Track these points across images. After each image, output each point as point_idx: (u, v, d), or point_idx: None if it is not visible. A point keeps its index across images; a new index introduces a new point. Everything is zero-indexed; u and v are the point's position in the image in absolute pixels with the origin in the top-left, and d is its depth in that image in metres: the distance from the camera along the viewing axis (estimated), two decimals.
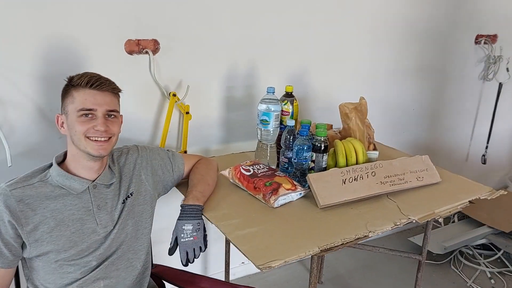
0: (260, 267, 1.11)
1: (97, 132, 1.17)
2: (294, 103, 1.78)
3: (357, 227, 1.32)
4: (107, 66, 1.62)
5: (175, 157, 1.47)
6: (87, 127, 1.17)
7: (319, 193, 1.44)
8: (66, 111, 1.19)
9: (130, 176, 1.33)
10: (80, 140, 1.17)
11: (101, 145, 1.18)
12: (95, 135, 1.17)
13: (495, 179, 3.33)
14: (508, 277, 2.48)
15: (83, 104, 1.16)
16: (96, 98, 1.18)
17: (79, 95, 1.17)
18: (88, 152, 1.18)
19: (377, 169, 1.55)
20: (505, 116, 3.05)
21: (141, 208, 1.34)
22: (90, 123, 1.17)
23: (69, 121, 1.18)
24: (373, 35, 2.29)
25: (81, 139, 1.17)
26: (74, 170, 1.22)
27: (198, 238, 1.30)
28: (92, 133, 1.17)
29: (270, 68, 2.02)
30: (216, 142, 2.00)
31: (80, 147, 1.18)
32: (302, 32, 2.05)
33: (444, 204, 1.49)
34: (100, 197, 1.24)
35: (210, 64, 1.86)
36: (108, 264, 1.25)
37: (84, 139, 1.17)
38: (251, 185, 1.49)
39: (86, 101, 1.17)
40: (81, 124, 1.16)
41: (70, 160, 1.22)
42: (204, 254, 2.21)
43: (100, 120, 1.18)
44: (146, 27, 1.68)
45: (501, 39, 2.79)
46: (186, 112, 1.82)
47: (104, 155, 1.21)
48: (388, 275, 2.45)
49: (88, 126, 1.17)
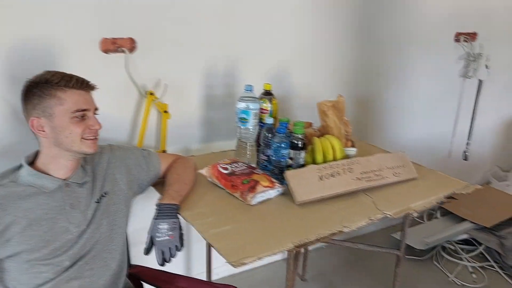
0: (233, 263, 1.11)
1: (92, 131, 1.21)
2: (272, 101, 1.78)
3: (333, 223, 1.32)
4: (82, 65, 1.61)
5: (151, 156, 1.46)
6: (83, 127, 1.19)
7: (295, 189, 1.44)
8: (49, 113, 1.16)
9: (104, 176, 1.32)
10: (75, 141, 1.18)
11: (94, 142, 1.23)
12: (91, 134, 1.21)
13: (477, 175, 3.36)
14: (489, 271, 2.51)
15: (77, 105, 1.17)
16: (85, 98, 1.20)
17: (68, 96, 1.16)
18: (84, 151, 1.20)
19: (354, 165, 1.56)
20: (485, 113, 3.08)
21: (116, 208, 1.33)
22: (84, 123, 1.19)
23: (56, 124, 1.16)
24: (354, 34, 2.30)
25: (76, 140, 1.18)
26: (46, 169, 1.21)
27: (174, 237, 1.29)
28: (88, 133, 1.20)
29: (251, 66, 2.02)
30: (196, 141, 2.00)
31: (73, 148, 1.19)
32: (281, 30, 2.06)
33: (420, 199, 1.50)
34: (73, 195, 1.23)
35: (188, 62, 1.86)
36: (82, 264, 1.24)
37: (80, 140, 1.18)
38: (228, 183, 1.49)
39: (79, 101, 1.18)
40: (77, 125, 1.17)
41: (45, 161, 1.21)
42: (187, 254, 2.20)
43: (94, 119, 1.22)
44: (122, 25, 1.67)
45: (481, 37, 2.82)
46: (164, 111, 1.81)
47: (96, 151, 1.24)
48: (371, 271, 2.46)
49: (83, 127, 1.19)
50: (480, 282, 2.40)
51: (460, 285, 2.38)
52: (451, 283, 2.40)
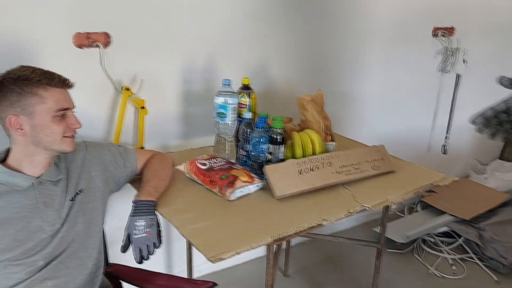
0: (211, 259, 1.09)
1: (72, 130, 1.21)
2: (251, 95, 1.77)
3: (312, 217, 1.32)
4: (55, 60, 1.57)
5: (127, 153, 1.43)
6: (64, 126, 1.17)
7: (275, 184, 1.43)
8: (30, 112, 1.12)
9: (79, 173, 1.29)
10: (55, 140, 1.16)
11: (73, 140, 1.22)
12: (71, 133, 1.20)
13: (456, 169, 3.41)
14: (468, 263, 2.54)
15: (60, 104, 1.16)
16: (66, 96, 1.19)
17: (50, 95, 1.14)
18: (63, 150, 1.20)
19: (333, 159, 1.56)
20: (463, 107, 3.12)
21: (92, 205, 1.30)
22: (64, 122, 1.18)
23: (37, 122, 1.13)
24: (333, 29, 2.30)
25: (57, 139, 1.17)
26: (19, 167, 1.17)
27: (151, 234, 1.27)
28: (68, 132, 1.19)
29: (229, 61, 2.00)
30: (175, 137, 1.97)
31: (53, 147, 1.17)
32: (260, 25, 2.04)
33: (398, 191, 1.51)
34: (47, 194, 1.20)
35: (165, 57, 1.83)
36: (57, 263, 1.21)
37: (61, 140, 1.17)
38: (207, 179, 1.47)
39: (60, 100, 1.16)
40: (58, 124, 1.16)
41: (18, 158, 1.17)
42: (167, 252, 2.17)
43: (74, 118, 1.21)
44: (96, 19, 1.63)
45: (458, 32, 2.85)
46: (141, 107, 1.78)
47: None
48: (353, 265, 2.47)
49: (64, 126, 1.17)
50: (459, 274, 2.43)
51: (440, 277, 2.40)
52: (432, 275, 2.42)
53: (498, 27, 3.07)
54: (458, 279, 2.40)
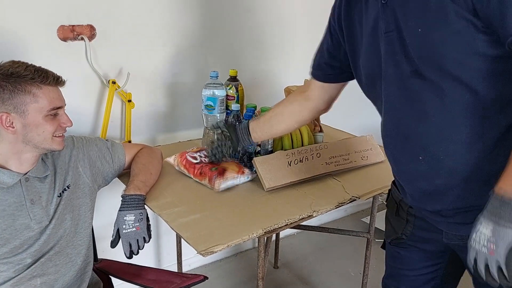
0: (202, 252, 1.09)
1: (64, 128, 1.19)
2: (239, 87, 1.76)
3: (302, 208, 1.32)
4: (39, 54, 1.54)
5: (114, 147, 1.41)
6: (56, 125, 1.15)
7: (264, 176, 1.43)
8: (22, 110, 1.09)
9: (66, 169, 1.27)
10: (47, 139, 1.14)
11: (63, 139, 1.20)
12: (61, 132, 1.18)
13: None
14: None
15: (53, 103, 1.13)
16: (58, 94, 1.17)
17: (44, 94, 1.11)
18: (54, 148, 1.18)
19: (322, 150, 1.56)
20: None
21: (80, 202, 1.28)
22: (56, 121, 1.16)
23: (29, 121, 1.10)
24: (320, 18, 2.28)
25: (48, 138, 1.14)
26: (5, 164, 1.14)
27: (141, 229, 1.26)
28: (59, 131, 1.17)
29: (217, 53, 1.99)
30: (163, 130, 1.95)
31: (43, 145, 1.15)
32: (247, 16, 2.03)
33: (387, 181, 1.50)
34: (34, 190, 1.18)
35: (152, 50, 1.81)
36: (45, 260, 1.19)
37: (52, 138, 1.15)
38: (197, 171, 1.47)
39: (54, 99, 1.14)
40: (50, 123, 1.14)
41: (4, 155, 1.14)
42: (156, 246, 2.16)
43: (65, 116, 1.19)
44: (81, 12, 1.60)
45: None
46: (128, 100, 1.76)
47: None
48: (342, 255, 2.49)
49: (56, 125, 1.15)
50: None
51: None
52: None
53: None
54: None
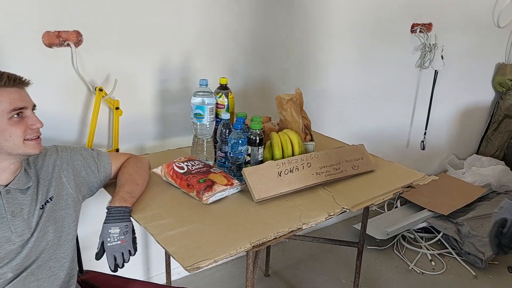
0: (188, 268, 1.06)
1: (35, 130, 1.13)
2: (229, 95, 1.73)
3: (292, 220, 1.30)
4: (24, 60, 1.51)
5: (100, 157, 1.38)
6: (23, 128, 1.10)
7: (254, 187, 1.40)
8: None
9: (49, 179, 1.23)
10: (17, 144, 1.09)
11: (39, 142, 1.15)
12: (33, 134, 1.13)
13: (435, 164, 3.44)
14: (447, 258, 2.56)
15: (13, 104, 1.08)
16: (21, 95, 1.12)
17: (2, 96, 1.07)
18: (28, 153, 1.12)
19: (312, 159, 1.54)
20: (441, 102, 3.15)
21: (64, 213, 1.25)
22: (23, 123, 1.11)
23: None
24: (310, 26, 2.27)
25: (19, 143, 1.10)
26: None
27: (126, 242, 1.23)
28: (30, 134, 1.12)
29: (207, 59, 1.96)
30: (151, 138, 1.92)
31: (16, 151, 1.10)
32: (238, 22, 2.00)
33: (378, 192, 1.49)
34: (15, 203, 1.14)
35: (140, 56, 1.78)
36: (27, 275, 1.16)
37: (23, 143, 1.10)
38: (184, 182, 1.43)
39: (15, 100, 1.09)
40: (17, 126, 1.09)
41: None
42: (145, 255, 2.13)
43: (34, 117, 1.13)
44: (67, 17, 1.57)
45: (436, 28, 2.86)
46: (115, 108, 1.73)
47: (41, 151, 1.17)
48: (334, 263, 2.47)
49: (24, 127, 1.10)
50: (438, 269, 2.46)
51: (420, 273, 2.42)
52: (412, 271, 2.44)
53: (474, 22, 3.09)
54: (437, 274, 2.42)
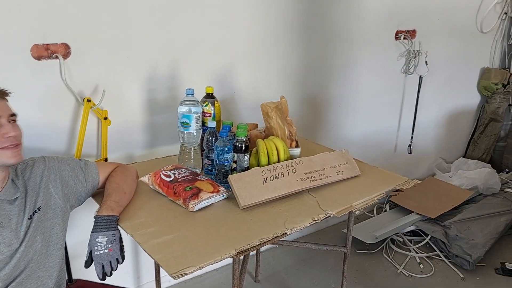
0: (174, 275, 1.08)
1: (9, 139, 1.12)
2: (215, 104, 1.76)
3: (276, 226, 1.32)
4: (12, 72, 1.53)
5: (88, 167, 1.40)
6: None
7: (239, 193, 1.43)
8: None
9: (37, 190, 1.25)
10: None
11: (16, 151, 1.14)
12: (7, 143, 1.12)
13: (423, 168, 3.48)
14: (435, 260, 2.60)
15: None
16: None
17: None
18: (4, 163, 1.13)
19: (297, 165, 1.57)
20: (427, 107, 3.20)
21: (51, 223, 1.27)
22: None
23: None
24: (297, 34, 2.31)
25: None
26: None
27: (113, 250, 1.25)
28: (4, 142, 1.11)
29: (194, 68, 1.99)
30: (140, 147, 1.94)
31: None
32: (225, 31, 2.03)
33: (362, 197, 1.53)
34: (3, 213, 1.16)
35: (128, 66, 1.80)
36: (16, 284, 1.18)
37: None
38: (171, 190, 1.46)
39: None
40: None
41: None
42: (135, 263, 2.14)
43: (8, 126, 1.13)
44: (55, 30, 1.59)
45: (420, 34, 2.92)
46: (104, 118, 1.75)
47: (20, 161, 1.17)
48: (324, 267, 2.49)
49: None
50: (427, 272, 2.49)
51: (408, 276, 2.45)
52: (400, 274, 2.47)
53: (457, 28, 3.15)
54: (425, 277, 2.45)
